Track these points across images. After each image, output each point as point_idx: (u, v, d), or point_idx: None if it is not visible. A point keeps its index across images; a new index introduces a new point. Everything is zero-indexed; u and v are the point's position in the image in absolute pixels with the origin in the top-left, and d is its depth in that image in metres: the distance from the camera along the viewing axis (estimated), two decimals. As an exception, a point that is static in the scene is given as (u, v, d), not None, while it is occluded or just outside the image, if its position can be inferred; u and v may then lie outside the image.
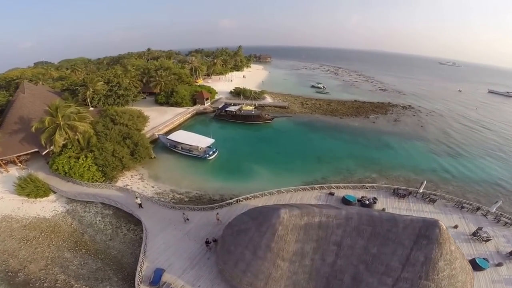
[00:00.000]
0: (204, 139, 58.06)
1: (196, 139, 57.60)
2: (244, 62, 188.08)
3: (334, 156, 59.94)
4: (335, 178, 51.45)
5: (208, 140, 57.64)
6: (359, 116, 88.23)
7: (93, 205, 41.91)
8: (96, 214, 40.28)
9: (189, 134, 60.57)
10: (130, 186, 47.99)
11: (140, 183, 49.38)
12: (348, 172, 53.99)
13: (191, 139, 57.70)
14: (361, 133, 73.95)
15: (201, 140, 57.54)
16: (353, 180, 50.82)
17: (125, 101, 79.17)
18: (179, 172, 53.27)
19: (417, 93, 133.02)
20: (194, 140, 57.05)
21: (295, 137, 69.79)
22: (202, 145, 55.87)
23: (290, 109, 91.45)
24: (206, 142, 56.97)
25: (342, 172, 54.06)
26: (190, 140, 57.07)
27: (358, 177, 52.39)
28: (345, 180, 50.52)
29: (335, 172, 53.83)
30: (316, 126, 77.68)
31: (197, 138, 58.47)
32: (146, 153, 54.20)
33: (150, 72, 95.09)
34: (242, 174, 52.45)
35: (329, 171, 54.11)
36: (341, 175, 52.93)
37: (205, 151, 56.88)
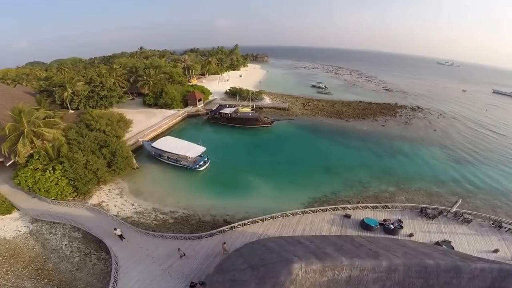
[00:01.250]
0: (194, 147, 50.35)
1: (184, 147, 49.81)
2: (241, 61, 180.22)
3: (343, 166, 52.58)
4: (347, 193, 44.37)
5: (198, 148, 49.96)
6: (367, 118, 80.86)
7: (61, 225, 35.73)
8: (63, 237, 34.21)
9: (176, 141, 52.84)
10: (106, 203, 41.09)
11: (118, 200, 42.06)
12: (361, 186, 46.66)
13: (179, 147, 49.91)
14: (371, 138, 66.66)
15: (190, 148, 49.74)
16: (368, 196, 43.98)
17: (109, 102, 71.10)
18: (164, 186, 45.70)
19: (422, 94, 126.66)
20: (182, 149, 49.25)
21: (298, 144, 62.15)
22: (191, 154, 48.04)
23: (291, 110, 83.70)
24: (196, 150, 49.21)
25: (354, 185, 46.71)
26: (177, 149, 49.31)
27: (374, 191, 45.23)
28: (359, 195, 43.84)
29: (346, 185, 46.50)
30: (320, 130, 70.08)
31: (186, 146, 50.72)
32: (126, 164, 46.54)
33: (138, 70, 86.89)
34: (238, 189, 44.88)
35: (340, 184, 46.75)
36: (354, 189, 45.66)
37: (195, 161, 49.04)
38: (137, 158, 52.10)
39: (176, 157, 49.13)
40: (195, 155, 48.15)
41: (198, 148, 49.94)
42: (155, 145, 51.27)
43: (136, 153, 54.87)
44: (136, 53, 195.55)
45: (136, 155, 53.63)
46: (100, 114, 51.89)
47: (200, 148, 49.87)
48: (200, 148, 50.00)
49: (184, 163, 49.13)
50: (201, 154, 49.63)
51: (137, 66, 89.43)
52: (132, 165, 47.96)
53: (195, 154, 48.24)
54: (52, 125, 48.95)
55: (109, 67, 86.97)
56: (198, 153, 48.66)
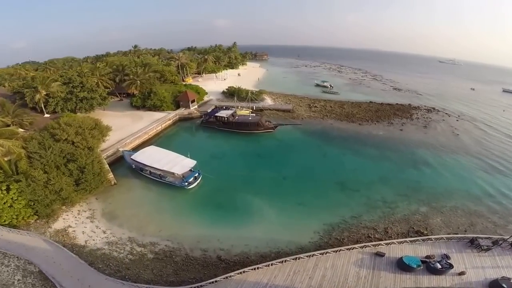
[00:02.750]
0: (182, 160, 41.79)
1: (170, 161, 41.20)
2: (239, 59, 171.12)
3: (361, 181, 44.13)
4: (371, 217, 36.13)
5: (187, 162, 41.41)
6: (381, 121, 72.25)
7: (15, 256, 28.72)
8: (16, 270, 27.43)
9: (161, 153, 44.35)
10: (73, 229, 33.65)
11: (88, 225, 34.26)
12: (386, 206, 38.31)
13: (164, 160, 41.30)
14: (388, 145, 58.17)
15: (177, 162, 41.14)
16: (397, 219, 35.81)
17: (90, 105, 62.41)
18: (145, 208, 37.30)
19: (433, 93, 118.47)
20: (168, 163, 40.66)
21: (306, 153, 53.37)
22: (177, 170, 39.40)
23: (296, 113, 74.86)
24: (184, 165, 40.60)
25: (378, 205, 38.39)
26: (161, 163, 40.73)
27: (402, 213, 37.01)
28: (385, 219, 35.67)
29: (368, 206, 38.18)
30: (331, 136, 61.29)
31: (172, 159, 42.12)
32: (99, 182, 38.02)
33: (124, 69, 78.08)
34: (235, 213, 36.49)
35: (360, 205, 38.43)
36: (378, 211, 37.38)
37: (183, 177, 40.24)
38: (115, 172, 43.97)
39: (160, 173, 40.50)
40: (182, 171, 39.46)
41: (186, 161, 41.33)
42: (136, 157, 42.76)
43: (115, 165, 46.90)
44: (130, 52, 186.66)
45: (116, 167, 45.75)
46: (68, 122, 42.94)
47: (189, 162, 41.25)
48: (189, 162, 41.40)
49: (170, 179, 40.46)
50: (191, 168, 40.89)
51: (124, 64, 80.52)
52: (106, 182, 39.35)
53: (183, 170, 39.56)
54: (11, 135, 40.66)
55: (92, 66, 78.02)
56: (186, 169, 40.00)
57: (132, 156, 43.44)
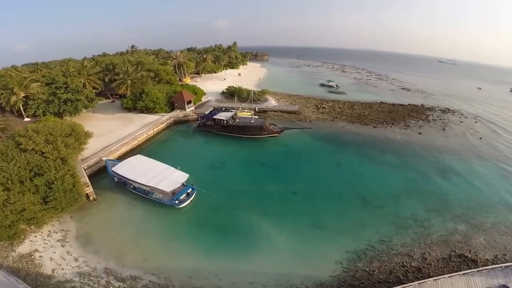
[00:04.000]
0: (172, 173, 35.28)
1: (157, 175, 34.57)
2: (240, 58, 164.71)
3: (385, 194, 37.63)
4: (403, 239, 29.79)
5: (177, 176, 34.86)
6: (397, 123, 65.71)
7: None
8: None
9: (148, 164, 37.79)
10: (40, 254, 27.53)
11: (57, 250, 28.13)
12: (418, 225, 32.02)
13: (150, 174, 34.70)
14: (409, 151, 51.69)
15: (165, 175, 34.55)
16: (434, 242, 29.52)
17: (74, 107, 55.98)
18: (127, 231, 30.80)
19: (442, 93, 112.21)
20: (155, 176, 34.08)
21: (317, 162, 46.54)
22: (165, 186, 32.70)
23: (303, 114, 68.26)
24: (174, 180, 33.99)
25: (408, 225, 32.02)
26: (147, 176, 34.14)
27: (439, 233, 30.76)
28: (421, 242, 29.35)
29: (397, 226, 31.78)
30: (344, 141, 54.62)
31: (160, 171, 35.49)
32: (72, 200, 31.44)
33: (115, 68, 71.68)
34: (236, 239, 29.93)
35: (387, 224, 31.97)
36: (410, 231, 31.02)
37: (173, 194, 33.65)
38: (97, 185, 37.57)
39: (145, 189, 33.98)
40: (171, 188, 32.80)
41: (177, 175, 34.73)
42: (117, 169, 36.27)
43: (98, 177, 40.51)
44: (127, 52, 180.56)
45: (98, 180, 39.48)
46: (37, 128, 36.22)
47: (180, 176, 34.65)
48: (180, 175, 34.82)
49: (158, 196, 33.90)
50: (182, 183, 34.30)
51: (115, 63, 74.09)
52: (81, 198, 32.77)
53: (172, 186, 32.89)
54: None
55: (79, 65, 71.67)
56: (176, 184, 33.33)
57: (114, 168, 36.98)
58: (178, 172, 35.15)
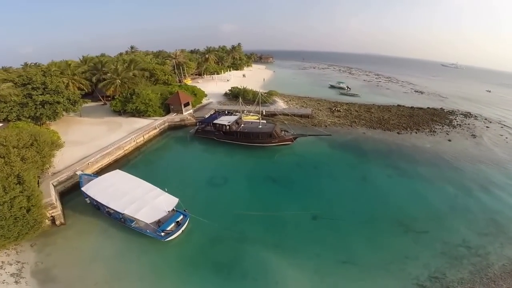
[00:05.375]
0: (156, 196, 27.42)
1: (137, 198, 26.75)
2: (244, 60, 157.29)
3: (425, 216, 30.36)
4: (458, 273, 23.16)
5: (163, 201, 26.81)
6: (422, 129, 57.87)
7: None
8: None
9: (127, 183, 29.93)
10: None
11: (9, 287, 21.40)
12: (473, 254, 25.27)
13: (128, 197, 26.91)
14: (442, 162, 43.94)
15: (147, 200, 26.68)
16: (496, 273, 23.21)
17: (53, 111, 48.52)
18: (99, 269, 23.31)
19: (456, 95, 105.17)
20: (133, 201, 26.30)
21: (339, 176, 38.42)
22: (146, 216, 24.73)
23: (317, 118, 60.34)
24: (159, 206, 25.98)
25: (461, 254, 25.10)
26: (123, 201, 26.38)
27: (500, 262, 24.48)
28: (481, 276, 23.05)
29: (448, 256, 24.85)
30: (367, 150, 46.57)
31: (141, 194, 27.60)
32: (27, 227, 23.83)
33: (104, 66, 64.35)
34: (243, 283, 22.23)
35: (436, 255, 24.95)
36: (465, 262, 24.29)
37: (159, 223, 25.85)
38: (68, 206, 30.56)
39: (122, 217, 26.25)
40: (152, 218, 24.80)
41: (163, 200, 26.71)
42: (88, 190, 28.55)
43: (71, 194, 33.00)
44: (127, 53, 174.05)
45: (70, 199, 32.07)
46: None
47: (166, 201, 26.60)
48: (166, 200, 26.81)
49: (138, 224, 26.12)
50: (171, 209, 26.42)
51: (104, 62, 66.75)
52: (36, 228, 25.09)
53: (154, 217, 24.85)
54: None
55: (63, 64, 64.38)
56: (159, 214, 25.22)
57: (84, 188, 29.30)
58: (165, 196, 27.24)
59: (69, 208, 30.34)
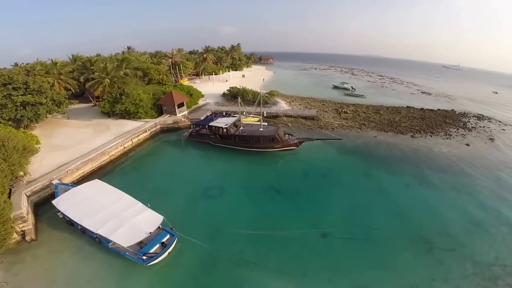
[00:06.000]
0: (138, 213, 23.13)
1: (114, 215, 22.56)
2: (244, 60, 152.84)
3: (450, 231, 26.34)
4: None
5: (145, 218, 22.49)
6: (436, 132, 53.52)
7: None
8: None
9: (106, 196, 25.67)
10: None
11: None
12: (509, 273, 21.56)
13: (104, 213, 22.74)
14: (463, 168, 39.66)
15: (127, 217, 22.43)
16: None
17: (34, 113, 44.12)
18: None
19: (464, 97, 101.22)
20: (109, 218, 22.12)
21: (351, 186, 33.79)
22: (122, 238, 20.42)
23: (323, 120, 55.87)
24: (138, 226, 21.56)
25: (496, 274, 21.59)
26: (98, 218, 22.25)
27: None
28: None
29: (481, 277, 21.40)
30: (380, 156, 42.03)
31: (120, 210, 23.36)
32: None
33: (93, 65, 59.88)
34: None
35: (467, 276, 21.47)
36: (501, 284, 20.70)
37: (140, 244, 21.37)
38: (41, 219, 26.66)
39: (96, 237, 21.83)
40: (130, 242, 20.36)
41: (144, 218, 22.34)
42: (59, 203, 24.36)
43: (46, 206, 28.53)
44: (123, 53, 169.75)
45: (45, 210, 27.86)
46: None
47: (148, 220, 22.23)
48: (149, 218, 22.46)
49: (116, 246, 21.60)
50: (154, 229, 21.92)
51: (93, 61, 62.24)
52: (6, 241, 20.77)
53: (132, 239, 20.47)
54: None
55: (49, 63, 59.91)
56: (139, 236, 20.82)
57: (54, 201, 24.95)
58: (148, 212, 22.83)
59: (43, 221, 26.33)
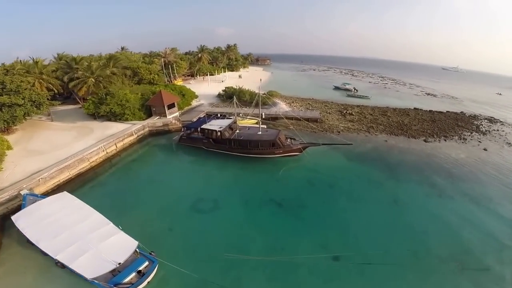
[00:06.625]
0: (107, 236, 18.83)
1: (79, 238, 18.26)
2: (241, 61, 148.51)
3: (481, 247, 22.71)
4: None
5: (115, 243, 18.14)
6: (450, 136, 49.46)
7: None
8: None
9: (72, 213, 21.47)
10: None
11: None
12: None
13: (66, 235, 18.35)
14: (485, 176, 35.70)
15: (92, 241, 18.02)
16: None
17: (11, 115, 39.73)
18: None
19: (469, 98, 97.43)
20: (73, 241, 17.74)
21: (363, 199, 29.31)
22: (84, 268, 16.14)
23: (327, 123, 51.57)
24: (110, 251, 17.26)
25: None
26: (59, 240, 17.96)
27: None
28: None
29: None
30: (393, 162, 37.67)
31: (86, 232, 19.08)
32: None
33: (79, 64, 55.30)
34: None
35: None
36: None
37: (112, 273, 16.85)
38: (7, 233, 22.63)
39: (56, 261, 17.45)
40: (94, 273, 15.95)
41: (114, 243, 18.08)
42: (17, 219, 20.32)
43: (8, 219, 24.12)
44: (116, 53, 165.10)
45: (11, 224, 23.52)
46: None
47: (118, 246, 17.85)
48: (119, 243, 18.14)
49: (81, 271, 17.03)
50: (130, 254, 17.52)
51: (78, 59, 57.65)
52: None
53: (97, 271, 16.07)
54: None
55: (31, 63, 55.30)
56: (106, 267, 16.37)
57: (14, 216, 20.74)
58: (119, 237, 18.49)
59: (10, 236, 22.02)
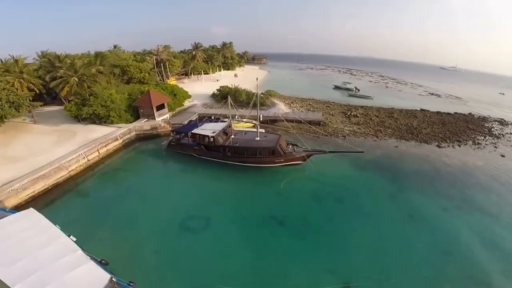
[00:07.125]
0: (76, 264, 14.39)
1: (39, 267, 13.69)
2: (236, 59, 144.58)
3: (507, 266, 18.49)
4: None
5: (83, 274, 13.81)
6: (463, 141, 45.92)
7: None
8: None
9: (37, 235, 16.99)
10: None
11: None
12: None
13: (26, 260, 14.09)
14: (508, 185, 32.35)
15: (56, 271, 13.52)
16: None
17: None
18: None
19: (474, 99, 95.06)
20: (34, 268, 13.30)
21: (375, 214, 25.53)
22: None
23: (331, 126, 47.90)
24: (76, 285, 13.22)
25: None
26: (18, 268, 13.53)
27: None
28: None
29: None
30: (406, 172, 33.88)
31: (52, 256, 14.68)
32: None
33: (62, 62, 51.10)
34: None
35: None
36: None
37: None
38: None
39: None
40: None
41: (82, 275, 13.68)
42: None
43: None
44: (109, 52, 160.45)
45: None
46: None
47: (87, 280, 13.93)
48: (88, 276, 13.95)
49: None
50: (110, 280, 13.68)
51: (62, 57, 53.36)
52: None
53: None
54: None
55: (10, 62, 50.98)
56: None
57: None
58: (89, 267, 14.58)
59: None
